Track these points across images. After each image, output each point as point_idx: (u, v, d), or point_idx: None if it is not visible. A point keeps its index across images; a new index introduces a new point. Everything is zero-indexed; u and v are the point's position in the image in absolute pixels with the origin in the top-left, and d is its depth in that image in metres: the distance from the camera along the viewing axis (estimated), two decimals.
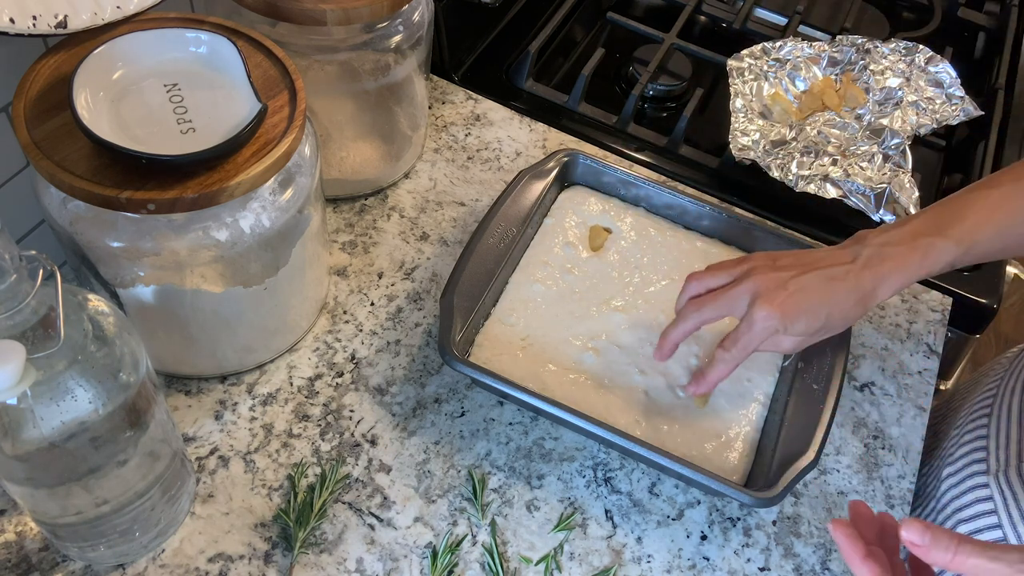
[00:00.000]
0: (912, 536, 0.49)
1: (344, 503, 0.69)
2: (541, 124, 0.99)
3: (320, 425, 0.73)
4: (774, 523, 0.72)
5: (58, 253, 0.72)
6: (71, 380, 0.49)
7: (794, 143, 0.95)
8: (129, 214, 0.58)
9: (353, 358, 0.77)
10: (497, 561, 0.66)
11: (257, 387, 0.74)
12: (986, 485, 0.74)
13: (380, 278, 0.83)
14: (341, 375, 0.76)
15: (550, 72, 1.10)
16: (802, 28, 1.17)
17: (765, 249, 0.84)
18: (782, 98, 1.01)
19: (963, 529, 0.74)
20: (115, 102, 0.61)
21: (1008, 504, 0.72)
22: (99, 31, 0.63)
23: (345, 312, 0.80)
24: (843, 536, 0.51)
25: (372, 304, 0.81)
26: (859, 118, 1.00)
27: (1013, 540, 0.71)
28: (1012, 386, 0.80)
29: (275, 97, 0.64)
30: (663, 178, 0.95)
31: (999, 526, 0.72)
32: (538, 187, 0.84)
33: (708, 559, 0.69)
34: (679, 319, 0.71)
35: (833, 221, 0.93)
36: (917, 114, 1.00)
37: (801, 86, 1.02)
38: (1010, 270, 0.94)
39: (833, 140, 0.96)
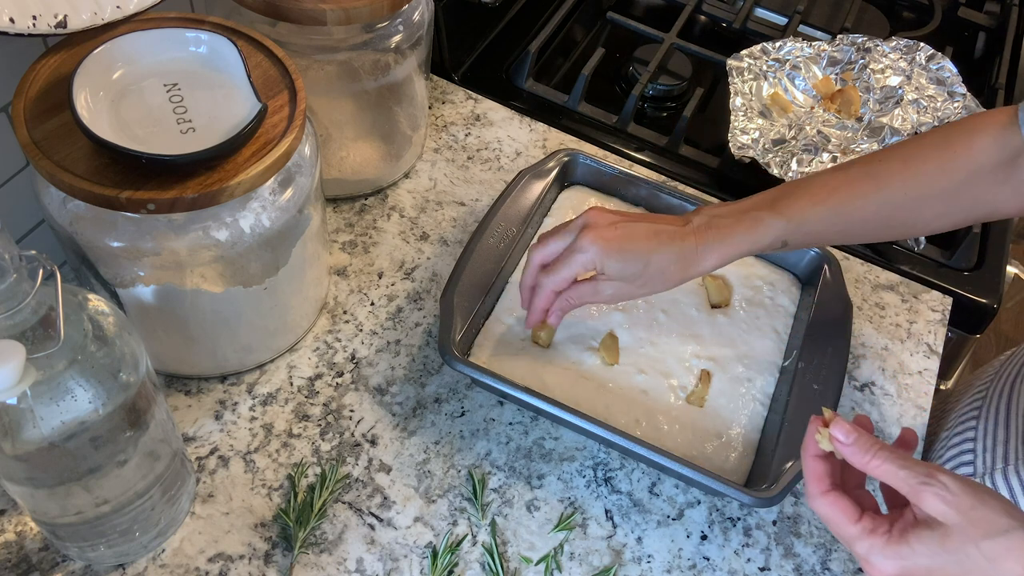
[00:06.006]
0: (839, 434, 0.53)
1: (344, 503, 0.69)
2: (541, 124, 0.99)
3: (320, 425, 0.73)
4: (774, 523, 0.72)
5: (58, 253, 0.72)
6: (71, 380, 0.49)
7: (794, 141, 0.95)
8: (129, 214, 0.58)
9: (353, 358, 0.77)
10: (497, 561, 0.66)
11: (257, 387, 0.74)
12: None
13: (380, 278, 0.83)
14: (341, 375, 0.76)
15: (550, 72, 1.10)
16: (802, 28, 1.17)
17: None
18: (781, 98, 1.01)
19: None
20: (115, 102, 0.61)
21: None
22: (99, 31, 0.63)
23: (345, 312, 0.80)
24: (811, 469, 0.55)
25: (372, 304, 0.81)
26: (859, 117, 1.00)
27: None
28: (1000, 389, 0.80)
29: (275, 97, 0.64)
30: (663, 178, 0.95)
31: None
32: (538, 187, 0.84)
33: (708, 559, 0.69)
34: (527, 266, 0.72)
35: None
36: (918, 112, 1.00)
37: (801, 85, 1.02)
38: (1010, 270, 0.94)
39: (833, 139, 0.96)
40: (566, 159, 0.86)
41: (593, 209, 0.70)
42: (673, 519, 0.71)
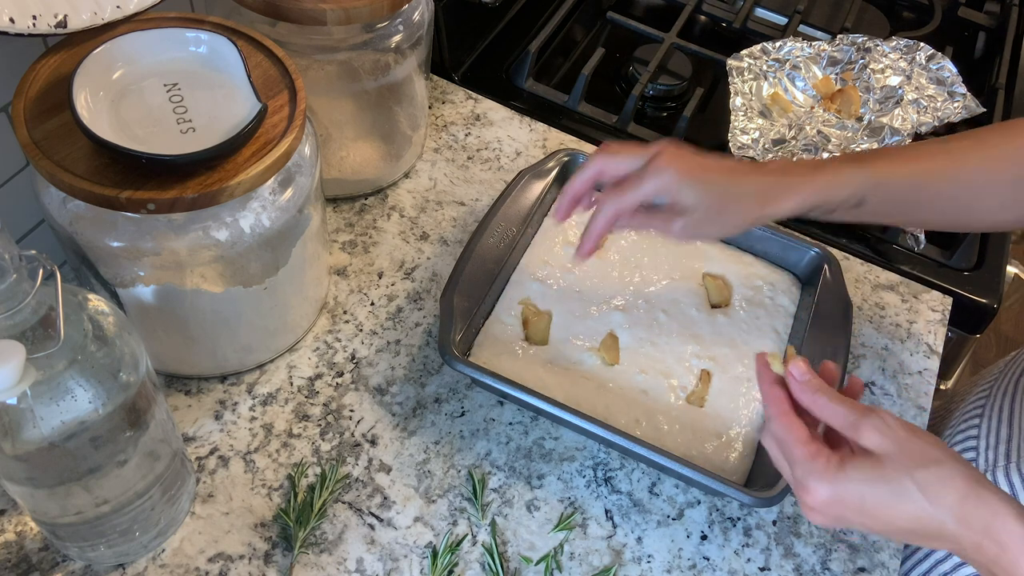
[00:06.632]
0: (795, 371, 0.56)
1: (344, 503, 0.69)
2: (541, 124, 0.99)
3: (320, 425, 0.73)
4: (774, 523, 0.72)
5: (58, 253, 0.72)
6: (71, 380, 0.49)
7: (794, 141, 0.95)
8: (129, 214, 0.58)
9: (353, 358, 0.77)
10: (497, 561, 0.66)
11: (257, 387, 0.74)
12: None
13: (380, 278, 0.83)
14: (341, 375, 0.76)
15: (550, 72, 1.10)
16: (802, 28, 1.17)
17: (765, 251, 0.84)
18: (781, 98, 1.01)
19: None
20: (115, 102, 0.61)
21: None
22: (99, 31, 0.63)
23: (345, 312, 0.80)
24: (770, 394, 0.57)
25: (372, 304, 0.81)
26: (859, 117, 1.00)
27: None
28: (1004, 388, 0.80)
29: (275, 97, 0.64)
30: None
31: None
32: (538, 187, 0.84)
33: (708, 559, 0.69)
34: (583, 168, 0.68)
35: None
36: (918, 112, 0.99)
37: (801, 85, 1.02)
38: (1010, 270, 0.94)
39: (833, 139, 0.96)
40: (566, 159, 0.86)
41: (666, 141, 0.67)
42: (673, 519, 0.71)
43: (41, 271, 0.47)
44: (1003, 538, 0.49)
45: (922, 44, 1.04)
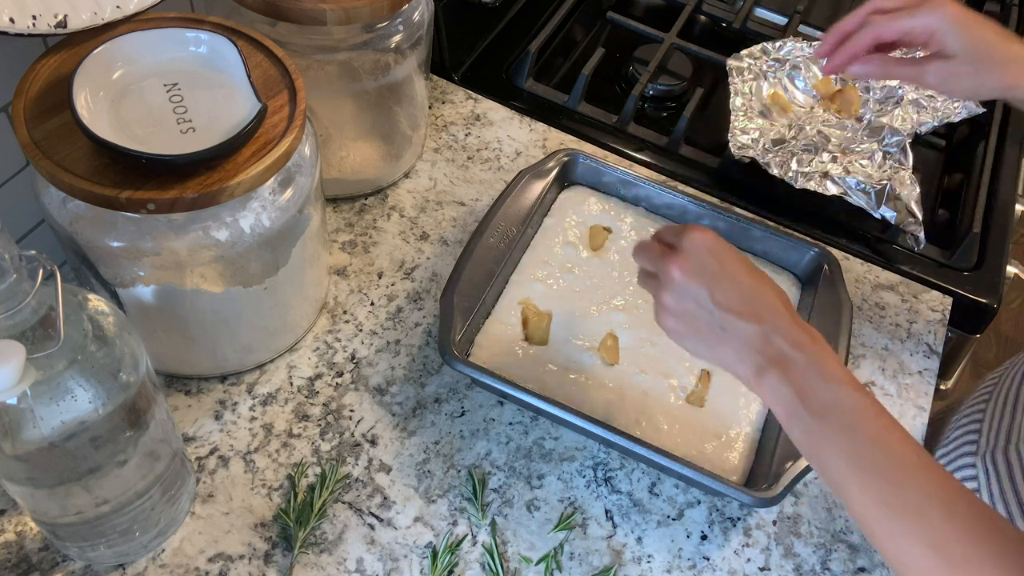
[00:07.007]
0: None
1: (344, 503, 0.69)
2: (541, 124, 0.99)
3: (320, 425, 0.73)
4: (774, 523, 0.72)
5: (58, 253, 0.72)
6: (71, 380, 0.49)
7: (794, 141, 0.95)
8: (129, 214, 0.58)
9: (353, 358, 0.77)
10: (497, 561, 0.66)
11: (257, 387, 0.74)
12: (973, 465, 0.75)
13: (380, 278, 0.83)
14: (341, 375, 0.76)
15: (550, 72, 1.10)
16: (802, 28, 1.17)
17: (765, 249, 0.84)
18: (781, 98, 1.01)
19: None
20: (115, 102, 0.61)
21: (991, 482, 0.74)
22: (99, 31, 0.63)
23: (345, 312, 0.80)
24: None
25: (372, 304, 0.81)
26: (859, 117, 1.00)
27: None
28: (1012, 376, 0.81)
29: (275, 97, 0.64)
30: (663, 178, 0.95)
31: None
32: (538, 187, 0.84)
33: (708, 559, 0.69)
34: (856, 10, 0.68)
35: (833, 219, 0.93)
36: (918, 112, 0.99)
37: (801, 85, 1.02)
38: (1010, 270, 0.94)
39: (833, 139, 0.96)
40: (566, 159, 0.86)
41: None
42: (673, 519, 0.71)
43: (41, 271, 0.47)
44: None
45: None
